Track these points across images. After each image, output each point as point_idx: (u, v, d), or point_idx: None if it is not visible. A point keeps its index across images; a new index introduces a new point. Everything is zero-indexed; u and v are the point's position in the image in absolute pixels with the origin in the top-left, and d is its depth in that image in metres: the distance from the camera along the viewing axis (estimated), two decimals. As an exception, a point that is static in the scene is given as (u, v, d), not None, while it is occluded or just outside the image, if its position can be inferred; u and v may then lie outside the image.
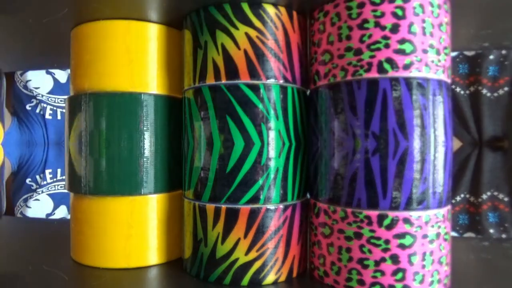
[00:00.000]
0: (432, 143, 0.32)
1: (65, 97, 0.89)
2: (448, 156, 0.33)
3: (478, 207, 0.71)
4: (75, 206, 0.39)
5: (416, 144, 0.31)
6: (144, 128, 0.38)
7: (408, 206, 0.31)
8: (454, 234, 0.70)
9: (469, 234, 0.71)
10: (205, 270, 0.35)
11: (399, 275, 0.31)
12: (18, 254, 0.42)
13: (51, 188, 0.85)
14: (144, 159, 0.38)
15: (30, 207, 0.84)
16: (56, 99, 0.90)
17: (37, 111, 0.89)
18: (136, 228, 0.38)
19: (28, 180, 0.86)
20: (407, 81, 0.31)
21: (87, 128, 0.38)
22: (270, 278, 0.34)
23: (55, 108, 0.90)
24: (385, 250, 0.31)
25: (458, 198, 0.72)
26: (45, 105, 0.89)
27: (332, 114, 0.34)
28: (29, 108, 0.88)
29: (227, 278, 0.34)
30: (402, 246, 0.31)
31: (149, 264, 0.39)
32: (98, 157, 0.37)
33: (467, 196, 0.72)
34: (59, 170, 0.87)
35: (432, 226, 0.32)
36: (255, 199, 0.34)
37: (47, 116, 0.89)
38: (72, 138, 0.39)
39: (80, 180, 0.38)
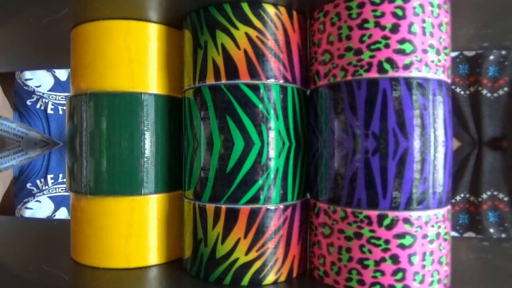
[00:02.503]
0: (432, 143, 0.32)
1: (66, 94, 0.89)
2: (448, 156, 0.33)
3: (478, 206, 0.71)
4: (75, 206, 0.39)
5: (416, 144, 0.31)
6: (145, 128, 0.38)
7: (408, 206, 0.31)
8: (454, 234, 0.70)
9: (469, 234, 0.71)
10: (205, 270, 0.35)
11: (399, 275, 0.31)
12: (18, 254, 0.42)
13: (52, 191, 0.86)
14: (145, 159, 0.38)
15: (31, 208, 0.84)
16: (57, 96, 0.90)
17: (38, 106, 0.89)
18: (136, 228, 0.38)
19: (28, 185, 0.86)
20: (407, 81, 0.31)
21: (87, 128, 0.38)
22: (270, 278, 0.34)
23: (56, 105, 0.90)
24: (385, 250, 0.31)
25: (458, 198, 0.72)
26: (46, 100, 0.89)
27: (332, 114, 0.34)
28: (30, 104, 0.88)
29: (227, 278, 0.34)
30: (402, 246, 0.31)
31: (149, 264, 0.39)
32: (98, 157, 0.37)
33: (467, 195, 0.72)
34: (60, 175, 0.87)
35: (432, 226, 0.32)
36: (255, 199, 0.34)
37: (49, 111, 0.89)
38: (73, 138, 0.39)
39: (80, 180, 0.38)
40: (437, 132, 0.32)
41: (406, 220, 0.31)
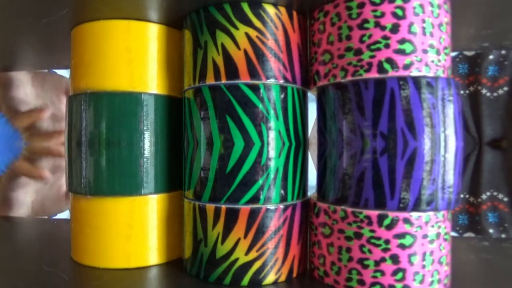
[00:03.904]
0: (442, 143, 0.32)
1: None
2: (459, 157, 0.33)
3: (477, 207, 0.71)
4: (75, 206, 0.39)
5: (425, 144, 0.31)
6: (144, 128, 0.38)
7: (416, 207, 0.31)
8: (454, 234, 0.70)
9: (468, 234, 0.71)
10: (205, 270, 0.35)
11: (399, 275, 0.31)
12: (18, 254, 0.42)
13: None
14: (144, 159, 0.38)
15: None
16: None
17: None
18: (136, 228, 0.38)
19: None
20: (415, 80, 0.31)
21: (86, 128, 0.38)
22: (270, 278, 0.34)
23: None
24: (385, 250, 0.31)
25: None
26: None
27: (340, 115, 0.34)
28: None
29: (227, 278, 0.34)
30: (402, 246, 0.31)
31: (149, 264, 0.39)
32: (98, 157, 0.37)
33: (467, 196, 0.72)
34: None
35: (432, 226, 0.32)
36: (255, 199, 0.34)
37: None
38: (72, 138, 0.39)
39: (80, 181, 0.38)
40: (447, 131, 0.32)
41: (406, 220, 0.31)
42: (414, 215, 0.31)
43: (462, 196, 0.72)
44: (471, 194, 0.72)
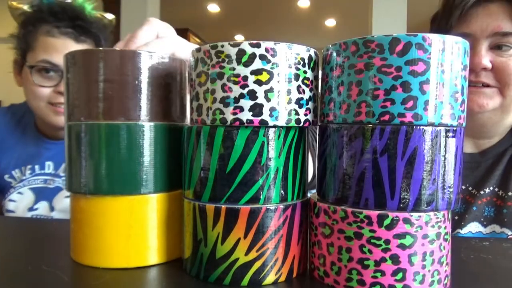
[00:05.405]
0: (442, 143, 0.31)
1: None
2: (458, 157, 0.33)
3: (507, 200, 0.70)
4: (75, 206, 0.39)
5: (426, 144, 0.31)
6: (144, 127, 0.38)
7: (416, 207, 0.31)
8: (478, 225, 0.70)
9: (493, 226, 0.71)
10: (205, 270, 0.35)
11: (399, 275, 0.31)
12: (18, 254, 0.42)
13: (31, 182, 0.86)
14: (144, 159, 0.38)
15: (14, 201, 0.85)
16: None
17: None
18: (136, 228, 0.38)
19: (6, 177, 0.87)
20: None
21: (87, 127, 0.38)
22: (270, 278, 0.34)
23: None
24: (385, 250, 0.31)
25: (487, 190, 0.72)
26: None
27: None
28: None
29: (227, 278, 0.34)
30: (402, 246, 0.31)
31: (149, 264, 0.38)
32: (97, 156, 0.37)
33: (496, 189, 0.72)
34: (37, 166, 0.87)
35: (433, 226, 0.32)
36: (255, 199, 0.34)
37: None
38: (72, 137, 0.39)
39: (79, 180, 0.38)
40: (448, 132, 0.32)
41: (406, 220, 0.31)
42: (414, 215, 0.31)
43: (491, 188, 0.71)
44: (501, 187, 0.71)
